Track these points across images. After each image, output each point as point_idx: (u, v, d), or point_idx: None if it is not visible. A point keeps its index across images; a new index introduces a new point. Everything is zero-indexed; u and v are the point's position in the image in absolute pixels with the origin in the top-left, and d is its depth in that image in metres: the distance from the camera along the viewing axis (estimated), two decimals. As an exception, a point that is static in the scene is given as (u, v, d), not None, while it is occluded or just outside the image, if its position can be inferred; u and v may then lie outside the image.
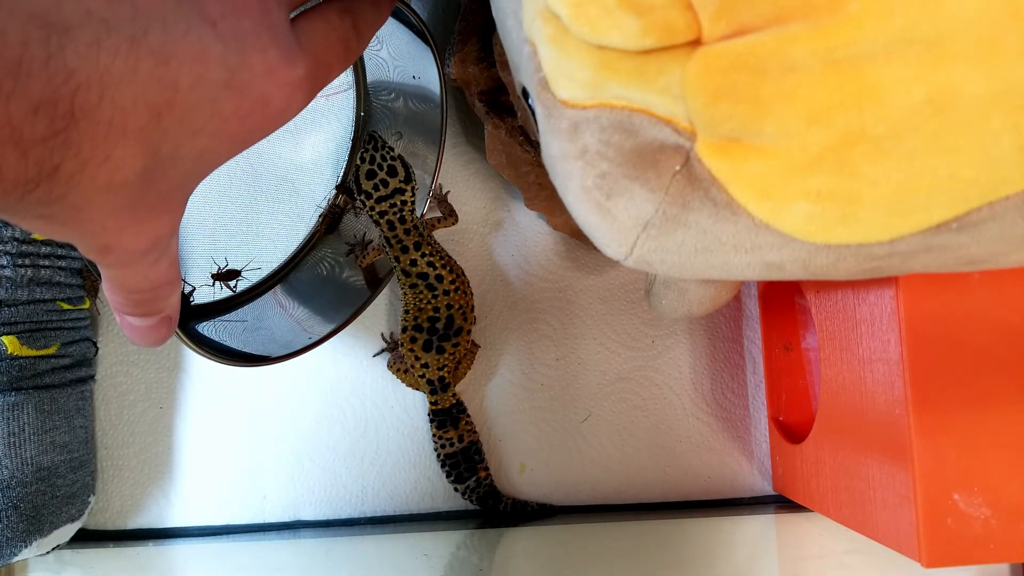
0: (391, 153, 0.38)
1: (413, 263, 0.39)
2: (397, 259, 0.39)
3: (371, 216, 0.39)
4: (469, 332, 0.41)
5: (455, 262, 0.41)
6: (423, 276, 0.39)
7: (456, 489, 0.44)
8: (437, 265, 0.39)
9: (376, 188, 0.38)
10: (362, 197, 0.39)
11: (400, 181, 0.38)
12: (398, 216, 0.39)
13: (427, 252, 0.39)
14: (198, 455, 0.44)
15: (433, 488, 0.45)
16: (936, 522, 0.29)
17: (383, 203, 0.38)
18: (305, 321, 0.41)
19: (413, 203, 0.39)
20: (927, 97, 0.18)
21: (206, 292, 0.40)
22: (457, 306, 0.40)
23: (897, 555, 0.31)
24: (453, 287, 0.40)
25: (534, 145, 0.39)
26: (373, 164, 0.38)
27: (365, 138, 0.38)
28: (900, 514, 0.31)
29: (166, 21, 0.19)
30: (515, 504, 0.44)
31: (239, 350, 0.37)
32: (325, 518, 0.45)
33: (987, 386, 0.30)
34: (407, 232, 0.39)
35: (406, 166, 0.39)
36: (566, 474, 0.46)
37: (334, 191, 0.43)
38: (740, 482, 0.46)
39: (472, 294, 0.41)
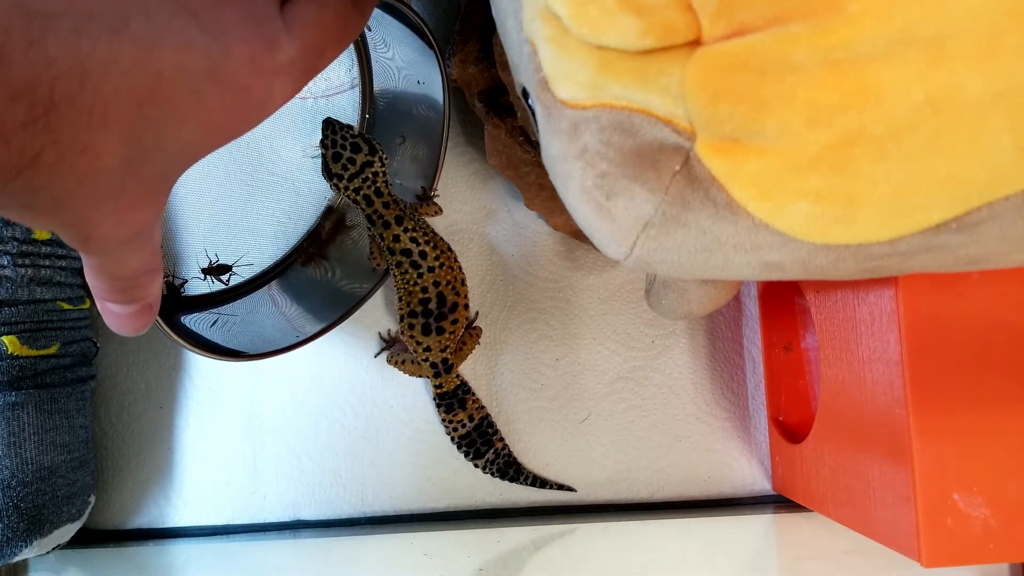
0: (350, 132, 0.38)
1: (396, 239, 0.39)
2: (381, 236, 0.39)
3: (349, 197, 0.39)
4: (466, 307, 0.41)
5: (441, 239, 0.40)
6: (407, 253, 0.39)
7: (476, 465, 0.44)
8: (420, 241, 0.39)
9: (345, 167, 0.38)
10: (334, 181, 0.38)
11: (366, 154, 0.38)
12: (373, 189, 0.39)
13: (409, 227, 0.39)
14: (198, 455, 0.44)
15: (433, 488, 0.45)
16: (936, 522, 0.29)
17: (356, 180, 0.38)
18: (296, 320, 0.41)
19: (385, 174, 0.39)
20: (927, 97, 0.18)
21: (203, 285, 0.40)
22: (445, 281, 0.40)
23: (897, 555, 0.31)
24: (438, 263, 0.39)
25: (534, 145, 0.39)
26: (336, 147, 0.38)
27: (322, 126, 0.38)
28: (900, 514, 0.31)
29: (148, 10, 0.18)
30: (536, 478, 0.45)
31: (221, 344, 0.37)
32: (325, 518, 0.45)
33: (987, 386, 0.30)
34: (386, 205, 0.39)
35: (368, 140, 0.39)
36: (566, 474, 0.46)
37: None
38: (740, 482, 0.46)
39: (460, 268, 0.41)
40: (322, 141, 0.38)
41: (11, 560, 0.37)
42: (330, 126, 0.38)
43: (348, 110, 0.43)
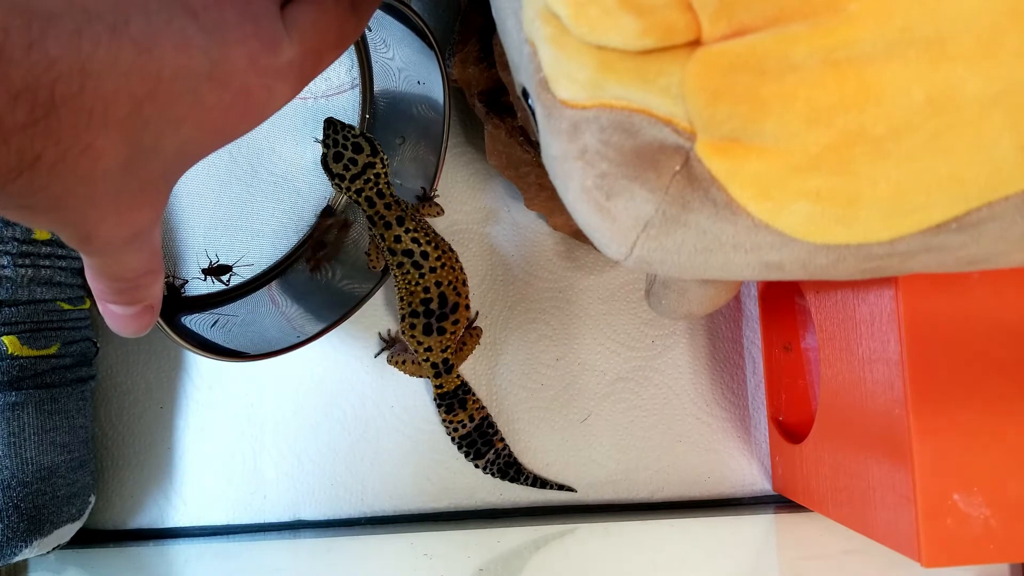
0: (352, 132, 0.38)
1: (397, 239, 0.39)
2: (382, 237, 0.39)
3: (350, 197, 0.39)
4: (467, 307, 0.41)
5: (443, 240, 0.41)
6: (408, 253, 0.39)
7: (476, 466, 0.44)
8: (422, 242, 0.39)
9: (347, 168, 0.38)
10: (336, 181, 0.38)
11: (368, 155, 0.38)
12: (375, 191, 0.39)
13: (411, 228, 0.39)
14: (198, 455, 0.44)
15: (433, 488, 0.45)
16: (936, 522, 0.29)
17: (357, 181, 0.38)
18: (296, 320, 0.41)
19: (387, 176, 0.39)
20: (927, 97, 0.18)
21: (204, 286, 0.40)
22: (447, 282, 0.40)
23: (897, 555, 0.31)
24: (439, 263, 0.40)
25: (534, 145, 0.39)
26: (337, 147, 0.38)
27: (324, 125, 0.38)
28: (900, 514, 0.31)
29: (148, 11, 0.19)
30: (536, 478, 0.45)
31: (222, 345, 0.37)
32: (325, 518, 0.45)
33: (987, 386, 0.30)
34: (387, 207, 0.39)
35: (370, 140, 0.39)
36: (566, 474, 0.46)
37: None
38: (740, 482, 0.46)
39: (462, 268, 0.41)
40: (323, 140, 0.38)
41: (11, 560, 0.37)
42: (331, 125, 0.38)
43: (348, 110, 0.43)
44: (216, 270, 0.40)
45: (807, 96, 0.18)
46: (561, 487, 0.45)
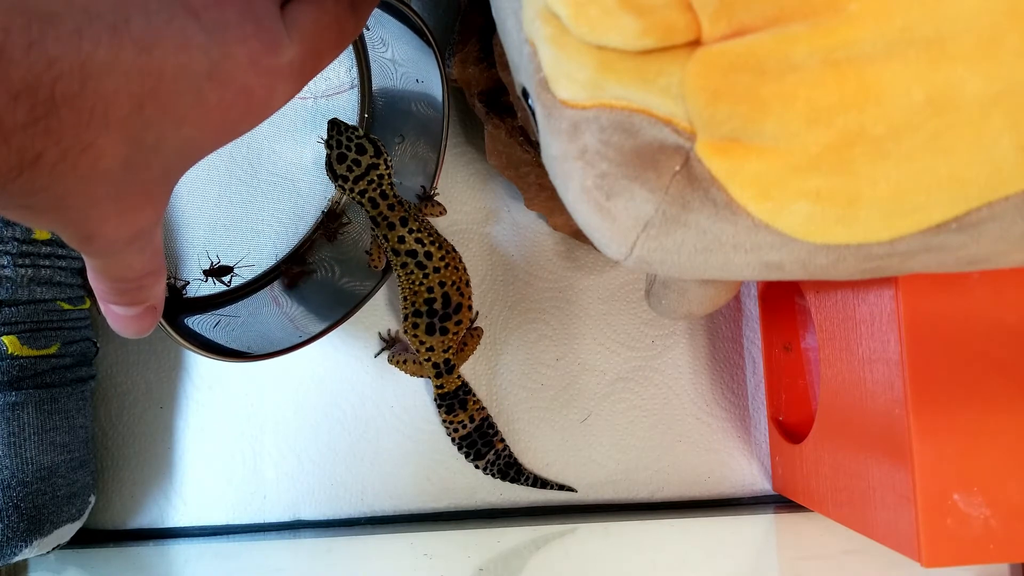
0: (356, 133, 0.38)
1: (401, 240, 0.39)
2: (386, 237, 0.39)
3: (353, 199, 0.39)
4: (470, 308, 0.41)
5: (446, 240, 0.41)
6: (412, 254, 0.39)
7: (476, 466, 0.44)
8: (425, 242, 0.39)
9: (350, 169, 0.38)
10: (339, 183, 0.39)
11: (371, 156, 0.38)
12: (379, 192, 0.39)
13: (414, 228, 0.39)
14: (198, 455, 0.44)
15: (433, 488, 0.45)
16: (936, 522, 0.29)
17: (361, 182, 0.38)
18: (298, 319, 0.41)
19: (390, 176, 0.39)
20: (927, 97, 0.18)
21: (206, 287, 0.40)
22: (451, 282, 0.40)
23: (897, 555, 0.31)
24: (443, 263, 0.40)
25: (534, 145, 0.39)
26: (340, 148, 0.38)
27: (327, 126, 0.38)
28: (900, 514, 0.31)
29: (148, 11, 0.19)
30: (536, 478, 0.45)
31: (225, 345, 0.37)
32: (325, 518, 0.45)
33: (987, 386, 0.30)
34: (391, 207, 0.39)
35: (373, 142, 0.39)
36: (566, 474, 0.46)
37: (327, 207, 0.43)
38: (740, 482, 0.46)
39: (465, 269, 0.41)
40: (327, 141, 0.38)
41: (11, 560, 0.37)
42: (335, 126, 0.38)
43: (347, 109, 0.43)
44: (217, 271, 0.40)
45: (807, 96, 0.18)
46: (561, 487, 0.45)
